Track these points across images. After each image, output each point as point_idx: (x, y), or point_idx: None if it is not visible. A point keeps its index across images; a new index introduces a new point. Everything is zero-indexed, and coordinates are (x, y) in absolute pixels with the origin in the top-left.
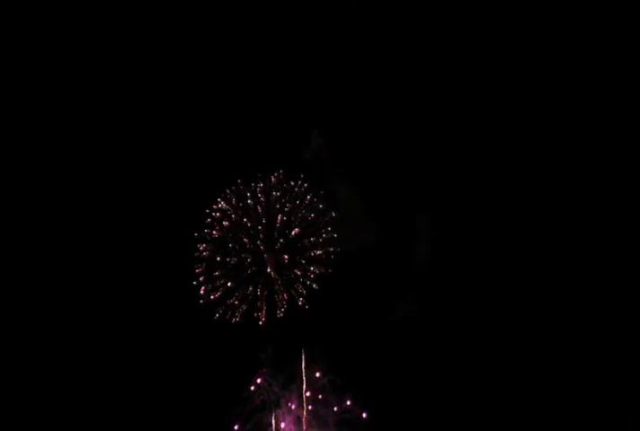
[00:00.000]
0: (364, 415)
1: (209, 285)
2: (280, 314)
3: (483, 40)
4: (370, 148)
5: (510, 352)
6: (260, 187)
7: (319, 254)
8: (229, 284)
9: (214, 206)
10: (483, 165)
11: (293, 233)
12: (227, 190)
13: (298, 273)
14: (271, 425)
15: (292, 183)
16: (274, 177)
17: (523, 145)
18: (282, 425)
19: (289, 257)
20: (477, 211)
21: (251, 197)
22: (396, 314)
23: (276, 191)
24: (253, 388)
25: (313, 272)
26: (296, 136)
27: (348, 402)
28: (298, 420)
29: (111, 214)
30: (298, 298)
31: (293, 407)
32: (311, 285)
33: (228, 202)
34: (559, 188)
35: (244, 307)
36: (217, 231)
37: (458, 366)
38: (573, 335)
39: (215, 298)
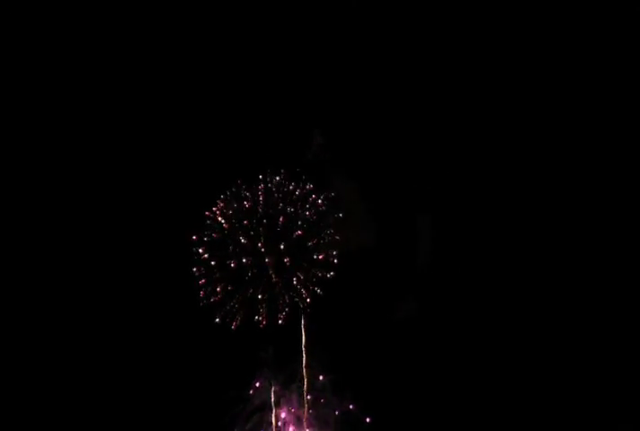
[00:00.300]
0: (367, 420)
1: (209, 289)
2: (281, 320)
3: (483, 40)
4: (372, 148)
5: (511, 353)
6: (260, 188)
7: (322, 257)
8: (229, 287)
9: (213, 208)
10: (483, 165)
11: (295, 235)
12: (227, 192)
13: (300, 276)
14: (271, 425)
15: (294, 184)
16: (275, 178)
17: (523, 146)
18: (282, 425)
19: (291, 259)
20: (478, 211)
21: (251, 199)
22: (398, 315)
23: (277, 193)
24: (252, 391)
25: (315, 275)
26: (297, 137)
27: (351, 406)
28: (299, 420)
29: (111, 215)
30: (300, 302)
31: (293, 409)
32: (314, 289)
33: (229, 203)
34: (559, 188)
35: (245, 310)
36: (216, 233)
37: (460, 367)
38: (573, 335)
39: (215, 301)
